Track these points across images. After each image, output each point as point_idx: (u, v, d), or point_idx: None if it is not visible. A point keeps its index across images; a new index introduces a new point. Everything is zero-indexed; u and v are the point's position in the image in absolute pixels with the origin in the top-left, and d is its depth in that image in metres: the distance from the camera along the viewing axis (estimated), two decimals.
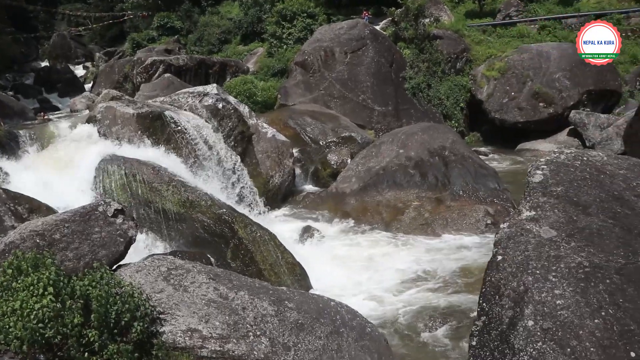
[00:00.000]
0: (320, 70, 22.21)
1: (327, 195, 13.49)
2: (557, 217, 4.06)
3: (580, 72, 20.76)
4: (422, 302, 8.52)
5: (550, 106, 20.07)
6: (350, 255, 10.59)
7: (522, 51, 22.36)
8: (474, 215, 11.36)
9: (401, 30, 25.05)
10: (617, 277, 3.66)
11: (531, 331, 3.50)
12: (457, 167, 12.63)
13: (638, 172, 4.76)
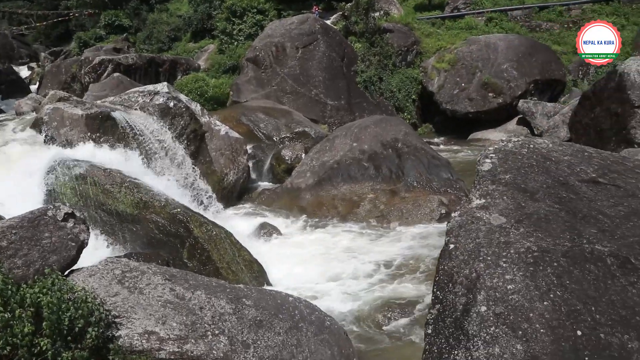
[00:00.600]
0: (272, 66, 22.15)
1: (282, 191, 13.48)
2: (506, 204, 4.16)
3: (527, 63, 21.28)
4: (380, 293, 8.60)
5: (499, 96, 20.51)
6: (308, 250, 10.61)
7: (471, 43, 22.77)
8: (429, 206, 11.53)
9: (352, 25, 25.18)
10: (563, 260, 3.78)
11: (484, 316, 3.58)
12: (411, 158, 12.80)
13: (581, 158, 4.91)
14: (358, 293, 8.77)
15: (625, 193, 4.64)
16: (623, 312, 3.66)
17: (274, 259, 9.88)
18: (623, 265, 3.88)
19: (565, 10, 28.03)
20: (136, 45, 33.70)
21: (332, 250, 10.46)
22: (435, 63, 22.66)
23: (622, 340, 3.56)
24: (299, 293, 8.06)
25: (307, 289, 8.88)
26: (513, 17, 28.01)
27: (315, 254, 10.37)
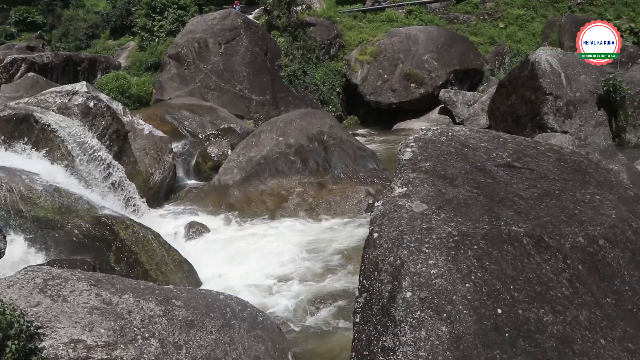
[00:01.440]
0: (195, 63, 21.82)
1: (210, 188, 13.33)
2: (427, 191, 4.28)
3: (447, 53, 21.87)
4: (312, 286, 8.67)
5: (421, 86, 20.99)
6: (238, 246, 10.55)
7: (392, 35, 23.17)
8: (356, 197, 11.70)
9: (274, 19, 25.13)
10: (483, 242, 3.93)
11: (410, 302, 3.68)
12: (337, 150, 12.93)
13: (497, 144, 5.11)
14: (290, 287, 8.80)
15: (538, 175, 4.87)
16: (538, 288, 3.85)
17: (204, 258, 9.78)
18: (537, 244, 4.07)
19: (481, 2, 28.99)
20: (52, 43, 32.37)
21: (262, 246, 10.44)
22: (358, 55, 22.95)
23: (538, 314, 3.74)
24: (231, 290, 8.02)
25: (238, 285, 8.83)
26: (432, 10, 28.73)
27: (246, 250, 10.33)
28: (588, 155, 10.16)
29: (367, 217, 10.88)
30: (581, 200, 4.83)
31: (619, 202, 5.10)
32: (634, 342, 4.13)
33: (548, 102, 13.29)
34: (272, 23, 25.36)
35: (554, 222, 4.39)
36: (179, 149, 14.92)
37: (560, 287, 3.99)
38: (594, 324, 4.00)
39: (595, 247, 4.37)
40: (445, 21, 27.80)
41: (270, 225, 11.50)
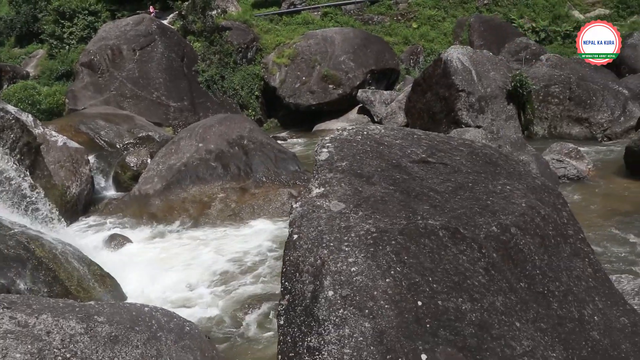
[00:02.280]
0: (109, 70, 21.19)
1: (130, 199, 12.97)
2: (344, 191, 4.32)
3: (363, 54, 22.23)
4: (238, 292, 8.60)
5: (339, 87, 21.24)
6: (162, 256, 10.33)
7: (309, 37, 23.33)
8: (279, 199, 11.71)
9: (189, 24, 24.76)
10: (400, 237, 4.01)
11: (332, 301, 3.71)
12: (258, 154, 12.89)
13: (411, 141, 5.24)
14: (217, 294, 8.71)
15: (451, 170, 5.02)
16: (456, 278, 3.96)
17: (127, 270, 9.50)
18: (453, 235, 4.19)
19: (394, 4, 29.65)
20: None
21: (186, 255, 10.27)
22: (276, 58, 22.97)
23: (457, 303, 3.86)
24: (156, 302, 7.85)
25: (164, 296, 8.66)
26: (347, 11, 29.12)
27: (170, 260, 10.13)
28: (500, 147, 10.61)
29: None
30: (493, 191, 5.02)
31: (528, 191, 5.34)
32: (545, 321, 4.34)
33: (461, 98, 13.75)
34: (187, 28, 24.97)
35: (468, 213, 4.54)
36: (96, 160, 14.44)
37: (477, 275, 4.13)
38: (509, 308, 4.16)
39: (508, 235, 4.55)
40: (360, 22, 28.24)
41: (193, 233, 11.32)
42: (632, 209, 10.57)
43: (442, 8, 29.37)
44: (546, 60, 18.33)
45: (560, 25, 28.80)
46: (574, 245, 5.39)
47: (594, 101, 16.51)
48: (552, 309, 4.54)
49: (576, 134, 16.28)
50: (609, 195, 11.53)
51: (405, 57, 25.39)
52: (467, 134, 10.62)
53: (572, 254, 5.26)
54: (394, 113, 18.02)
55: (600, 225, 9.86)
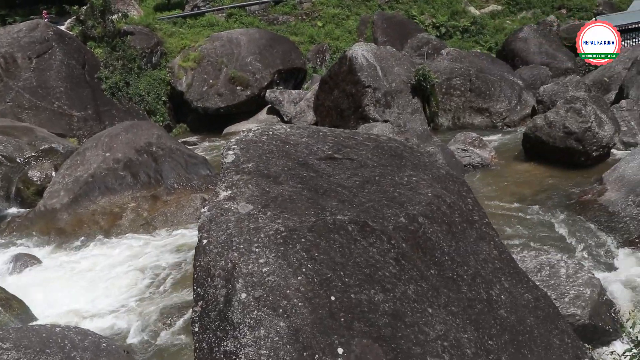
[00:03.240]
0: (3, 80, 20.10)
1: (35, 215, 12.33)
2: (251, 192, 4.30)
3: (269, 54, 22.24)
4: (154, 303, 8.39)
5: (247, 89, 21.18)
6: (73, 273, 9.92)
7: (214, 39, 23.11)
8: (192, 205, 11.53)
9: (89, 29, 23.85)
10: (310, 234, 4.03)
11: (245, 303, 3.68)
12: (167, 160, 12.63)
13: (317, 138, 5.28)
14: (133, 307, 8.46)
15: (358, 164, 5.10)
16: (367, 270, 4.03)
17: (36, 291, 9.05)
18: (362, 229, 4.26)
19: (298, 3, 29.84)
20: None
21: (99, 269, 9.90)
22: (181, 62, 22.59)
23: (369, 295, 3.92)
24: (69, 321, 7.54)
25: (78, 314, 8.32)
26: (252, 12, 29.03)
27: (82, 275, 9.74)
28: (407, 140, 10.89)
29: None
30: (400, 183, 5.14)
31: (434, 180, 5.51)
32: (456, 305, 4.50)
33: (368, 94, 14.02)
34: (87, 33, 24.04)
35: (376, 206, 4.63)
36: None
37: (388, 266, 4.21)
38: (421, 295, 4.28)
39: (416, 224, 4.67)
40: (265, 23, 28.23)
41: (105, 246, 10.93)
42: (532, 192, 11.17)
43: (346, 6, 29.86)
44: (447, 54, 19.02)
45: (459, 20, 30.00)
46: (480, 229, 5.62)
47: (492, 92, 17.32)
48: (462, 292, 4.71)
49: (478, 124, 17.03)
50: (510, 179, 12.13)
51: (311, 55, 25.63)
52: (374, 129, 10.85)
53: (478, 238, 5.48)
54: (303, 112, 18.13)
55: (504, 208, 10.34)
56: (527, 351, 4.85)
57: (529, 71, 20.73)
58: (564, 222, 9.56)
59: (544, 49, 23.54)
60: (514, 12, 32.47)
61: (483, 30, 29.68)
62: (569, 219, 9.66)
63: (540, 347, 5.01)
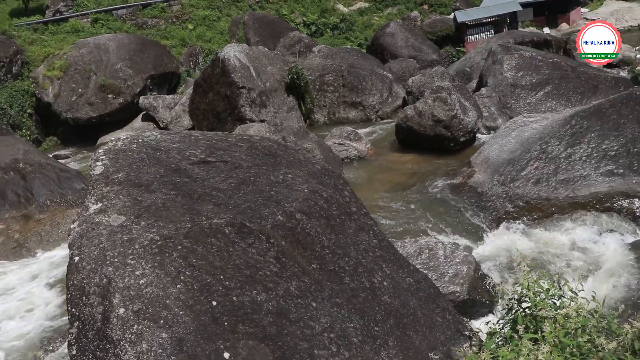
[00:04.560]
0: None
1: None
2: (123, 203, 4.17)
3: (140, 59, 21.57)
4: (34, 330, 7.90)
5: (119, 96, 20.43)
6: None
7: (80, 46, 22.08)
8: (68, 222, 10.92)
9: None
10: (186, 241, 3.98)
11: (124, 318, 3.56)
12: (37, 177, 11.89)
13: (189, 143, 5.21)
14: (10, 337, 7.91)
15: (232, 166, 5.09)
16: (248, 272, 4.04)
17: None
18: (240, 230, 4.26)
19: (168, 6, 29.17)
20: None
21: None
22: (46, 71, 21.33)
23: (252, 296, 3.93)
24: None
25: None
26: (119, 17, 28.02)
27: None
28: (284, 138, 10.99)
29: None
30: (275, 182, 5.19)
31: (309, 176, 5.62)
32: (340, 296, 4.62)
33: (243, 95, 13.98)
34: None
35: (253, 207, 4.64)
36: None
37: (269, 265, 4.25)
38: (304, 291, 4.35)
39: (294, 221, 4.74)
40: (134, 27, 27.37)
41: None
42: (407, 179, 11.66)
43: (216, 8, 29.59)
44: (318, 51, 19.38)
45: (329, 18, 30.68)
46: (358, 220, 5.80)
47: (364, 86, 17.87)
48: (345, 283, 4.84)
49: (353, 118, 17.51)
50: (387, 169, 12.59)
51: (184, 59, 25.17)
52: (251, 129, 10.84)
53: (357, 229, 5.65)
54: (179, 117, 17.76)
55: (382, 197, 10.71)
56: (413, 332, 5.07)
57: (398, 64, 21.61)
58: (439, 206, 10.04)
59: (411, 43, 24.64)
60: (381, 9, 33.69)
61: (352, 26, 30.55)
62: (443, 202, 10.16)
63: (425, 326, 5.26)
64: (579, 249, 8.28)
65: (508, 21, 30.61)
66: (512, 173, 9.68)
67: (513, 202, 9.35)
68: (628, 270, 7.42)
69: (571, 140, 9.67)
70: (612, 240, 8.24)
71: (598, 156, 9.34)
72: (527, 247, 8.30)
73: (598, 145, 9.43)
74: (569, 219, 8.94)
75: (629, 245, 7.97)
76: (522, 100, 15.19)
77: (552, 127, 10.09)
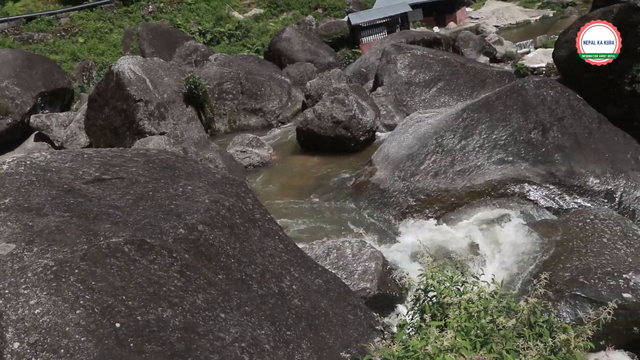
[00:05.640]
0: None
1: None
2: (12, 230, 3.95)
3: (28, 76, 20.54)
4: None
5: (7, 116, 19.33)
6: None
7: None
8: None
9: None
10: (84, 263, 3.82)
11: (20, 353, 3.37)
12: None
13: (82, 161, 5.01)
14: None
15: (129, 182, 4.95)
16: (151, 289, 3.94)
17: None
18: (140, 247, 4.15)
19: (55, 19, 27.95)
20: None
21: None
22: None
23: (157, 313, 3.84)
24: None
25: None
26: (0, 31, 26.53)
27: None
28: (185, 150, 10.81)
29: None
30: (175, 195, 5.10)
31: (210, 186, 5.56)
32: (249, 304, 4.60)
33: (140, 108, 13.60)
34: None
35: (153, 222, 4.54)
36: None
37: (173, 280, 4.17)
38: (211, 302, 4.30)
39: (196, 233, 4.67)
40: (19, 42, 26.01)
41: None
42: (312, 182, 11.78)
43: (108, 19, 28.67)
44: (215, 59, 19.20)
45: (224, 26, 30.49)
46: (263, 227, 5.80)
47: (263, 92, 17.91)
48: (253, 290, 4.83)
49: (254, 124, 17.50)
50: (291, 173, 12.66)
51: (76, 74, 24.18)
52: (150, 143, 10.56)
53: (262, 236, 5.65)
54: (74, 135, 17.03)
55: (288, 202, 10.76)
56: (326, 332, 5.13)
57: (296, 68, 21.79)
58: (344, 206, 10.22)
59: (307, 47, 24.90)
60: (276, 14, 33.87)
61: (249, 33, 30.52)
62: (348, 201, 10.35)
63: (337, 325, 5.34)
64: (479, 235, 8.67)
65: (400, 22, 31.66)
66: (411, 168, 10.01)
67: (414, 196, 9.67)
68: (523, 251, 7.85)
69: (464, 132, 10.12)
70: (508, 224, 8.70)
71: (489, 146, 9.83)
72: (430, 238, 8.61)
73: (488, 135, 9.93)
74: (468, 208, 9.36)
75: (522, 227, 8.43)
76: (417, 97, 15.75)
77: (446, 121, 10.52)
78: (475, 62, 19.57)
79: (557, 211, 9.04)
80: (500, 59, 24.60)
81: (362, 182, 10.63)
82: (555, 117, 9.86)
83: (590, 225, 7.59)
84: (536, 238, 7.93)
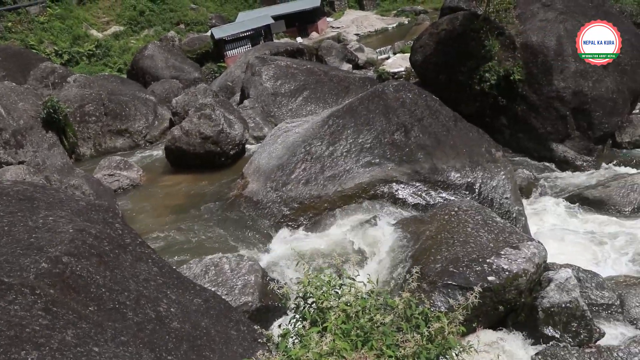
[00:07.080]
0: None
1: None
2: None
3: None
4: None
5: None
6: None
7: None
8: None
9: None
10: None
11: None
12: None
13: None
14: None
15: None
16: (12, 332, 3.70)
17: None
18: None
19: None
20: None
21: None
22: None
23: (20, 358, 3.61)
24: None
25: None
26: None
27: None
28: (47, 178, 10.21)
29: None
30: (35, 227, 4.82)
31: (73, 215, 5.30)
32: (125, 333, 4.44)
33: None
34: None
35: (10, 259, 4.27)
36: None
37: (37, 319, 3.94)
38: (83, 337, 4.11)
39: (61, 266, 4.45)
40: None
41: None
42: (185, 200, 11.57)
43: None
44: (74, 81, 18.33)
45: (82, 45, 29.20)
46: (134, 251, 5.61)
47: (127, 112, 17.32)
48: (129, 318, 4.66)
49: (121, 146, 16.87)
50: (162, 193, 12.35)
51: None
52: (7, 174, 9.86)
53: (134, 261, 5.47)
54: None
55: (161, 223, 10.48)
56: (209, 352, 5.06)
57: (161, 86, 21.31)
58: (219, 221, 10.12)
59: (171, 63, 24.43)
60: (137, 31, 32.95)
61: (109, 52, 29.45)
62: (223, 217, 10.26)
63: (220, 343, 5.28)
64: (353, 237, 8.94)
65: (263, 34, 31.97)
66: (283, 178, 10.13)
67: (288, 205, 9.79)
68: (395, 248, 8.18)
69: (331, 138, 10.40)
70: (380, 223, 9.05)
71: (356, 150, 10.18)
72: (306, 245, 8.76)
73: (355, 140, 10.29)
74: (341, 212, 9.62)
75: (393, 225, 8.80)
76: (284, 107, 15.98)
77: (313, 129, 10.75)
78: (339, 70, 20.20)
79: (424, 207, 9.55)
80: (363, 66, 25.58)
81: (236, 195, 10.59)
82: (415, 117, 10.41)
83: (455, 217, 8.08)
84: (407, 234, 8.31)
